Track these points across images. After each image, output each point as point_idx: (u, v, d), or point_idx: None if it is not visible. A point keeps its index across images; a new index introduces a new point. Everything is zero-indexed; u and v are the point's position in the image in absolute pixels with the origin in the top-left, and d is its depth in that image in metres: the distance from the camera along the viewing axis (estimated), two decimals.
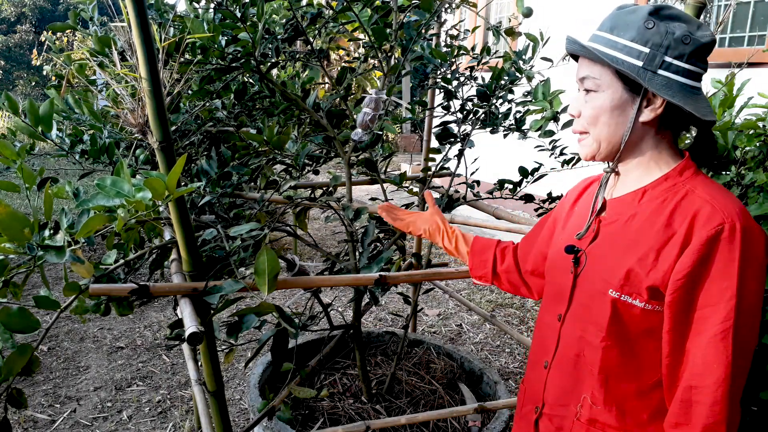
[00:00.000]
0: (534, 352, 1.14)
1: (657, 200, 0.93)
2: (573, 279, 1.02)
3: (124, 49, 1.00)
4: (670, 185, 0.94)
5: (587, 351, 0.99)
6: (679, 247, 0.87)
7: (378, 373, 2.31)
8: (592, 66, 0.95)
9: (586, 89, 0.97)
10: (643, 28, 0.90)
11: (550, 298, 1.10)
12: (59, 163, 7.96)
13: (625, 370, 0.96)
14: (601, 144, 0.97)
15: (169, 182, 0.90)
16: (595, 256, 0.99)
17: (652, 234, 0.91)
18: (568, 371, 1.03)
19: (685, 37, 0.89)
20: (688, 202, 0.90)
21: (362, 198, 6.44)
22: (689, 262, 0.85)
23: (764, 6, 4.05)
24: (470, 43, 6.30)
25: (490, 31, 2.07)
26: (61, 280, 4.43)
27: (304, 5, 1.79)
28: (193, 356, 1.99)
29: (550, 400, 1.07)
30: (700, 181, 0.92)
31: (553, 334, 1.06)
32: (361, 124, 1.65)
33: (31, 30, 17.22)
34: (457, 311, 3.99)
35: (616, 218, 0.99)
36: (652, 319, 0.91)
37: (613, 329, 0.94)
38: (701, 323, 0.86)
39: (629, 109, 0.93)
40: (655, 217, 0.92)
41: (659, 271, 0.89)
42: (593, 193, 1.09)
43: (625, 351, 0.95)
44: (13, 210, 0.89)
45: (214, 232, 1.34)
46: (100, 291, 1.15)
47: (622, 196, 0.99)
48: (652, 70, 0.89)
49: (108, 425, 2.62)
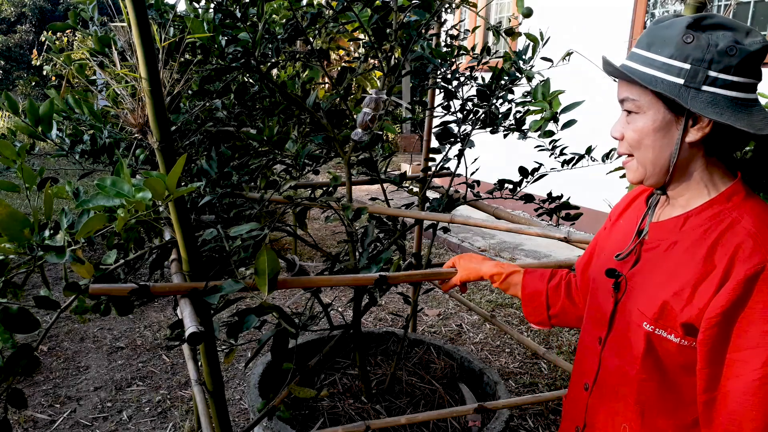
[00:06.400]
0: (576, 372, 1.11)
1: (700, 229, 0.88)
2: (614, 304, 0.98)
3: (124, 49, 1.00)
4: (715, 212, 0.87)
5: (624, 380, 0.96)
6: (717, 283, 0.82)
7: (378, 373, 2.31)
8: (630, 87, 0.90)
9: (627, 110, 0.91)
10: (682, 42, 0.83)
11: (590, 319, 1.06)
12: (59, 163, 7.96)
13: (662, 405, 0.92)
14: (647, 168, 0.91)
15: (169, 182, 0.90)
16: (635, 283, 0.95)
17: (691, 267, 0.86)
18: (608, 397, 1.00)
19: (730, 48, 0.82)
20: (732, 233, 0.84)
21: (362, 198, 6.43)
22: (725, 300, 0.80)
23: (764, 6, 4.05)
24: (470, 43, 6.31)
25: (490, 31, 2.07)
26: (61, 280, 4.43)
27: (304, 5, 1.79)
28: (193, 356, 1.99)
29: (594, 424, 1.04)
30: (749, 209, 0.85)
31: (593, 357, 1.03)
32: (361, 124, 1.65)
33: (31, 30, 17.22)
34: (457, 311, 3.99)
35: (657, 244, 0.94)
36: (689, 354, 0.87)
37: (647, 363, 0.91)
38: (740, 366, 0.81)
39: (674, 130, 0.87)
40: (696, 248, 0.87)
41: (695, 308, 0.84)
42: (638, 209, 1.04)
43: (661, 385, 0.91)
44: (13, 210, 0.89)
45: (214, 232, 1.34)
46: (100, 291, 1.14)
47: (665, 221, 0.94)
48: (695, 87, 0.83)
49: (108, 425, 2.62)
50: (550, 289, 1.25)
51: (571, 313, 1.23)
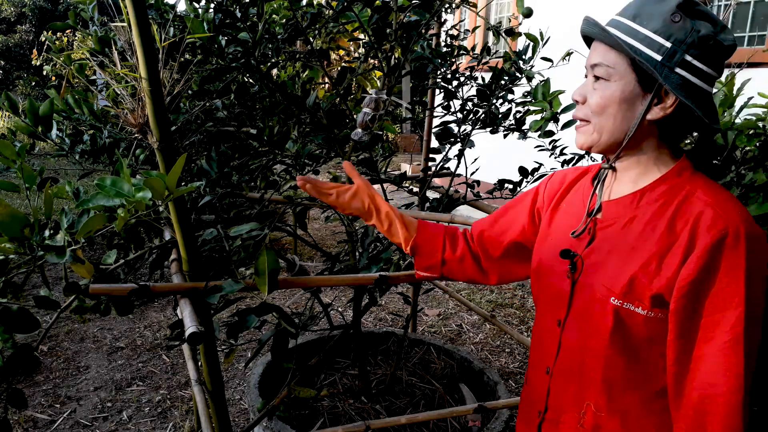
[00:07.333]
0: (534, 357, 1.11)
1: (656, 203, 0.90)
2: (571, 284, 0.98)
3: (124, 49, 1.00)
4: (669, 186, 0.90)
5: (589, 358, 0.96)
6: (682, 253, 0.84)
7: (378, 373, 2.31)
8: (607, 52, 0.90)
9: (596, 76, 0.91)
10: (670, 20, 0.85)
11: (546, 302, 1.06)
12: (59, 163, 7.96)
13: (628, 378, 0.93)
14: (602, 135, 0.92)
15: (169, 182, 0.90)
16: (593, 261, 0.96)
17: (653, 239, 0.88)
18: (571, 378, 1.00)
19: (710, 38, 0.84)
20: (688, 204, 0.87)
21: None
22: (693, 269, 0.83)
23: (764, 6, 4.05)
24: (470, 43, 6.30)
25: (490, 31, 2.07)
26: (61, 280, 4.42)
27: (304, 5, 1.79)
28: (193, 356, 1.99)
29: (554, 406, 1.04)
30: (700, 182, 0.89)
31: (553, 339, 1.03)
32: (361, 124, 1.65)
33: (31, 30, 17.21)
34: (457, 311, 3.99)
35: (613, 221, 0.95)
36: (655, 326, 0.89)
37: (615, 337, 0.91)
38: (710, 330, 0.84)
39: (638, 104, 0.89)
40: (656, 221, 0.89)
41: (663, 279, 0.86)
42: (582, 191, 1.05)
43: (628, 359, 0.92)
44: (13, 210, 0.89)
45: (214, 232, 1.34)
46: (100, 291, 1.14)
47: (619, 199, 0.95)
48: (670, 66, 0.84)
49: (108, 425, 2.62)
50: (447, 234, 1.22)
51: (468, 264, 1.21)
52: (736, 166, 1.44)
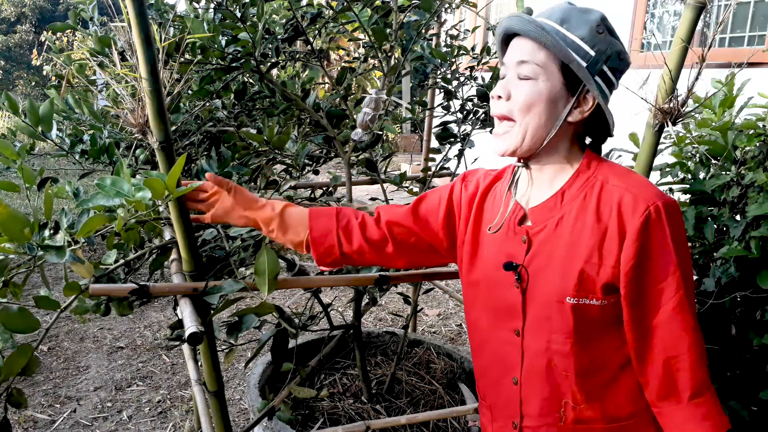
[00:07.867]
0: (494, 371, 1.08)
1: (578, 199, 0.95)
2: (522, 293, 0.99)
3: (124, 49, 1.00)
4: (585, 180, 0.95)
5: (557, 359, 0.97)
6: (618, 239, 0.90)
7: (378, 373, 2.31)
8: (537, 51, 0.91)
9: (522, 74, 0.92)
10: (595, 31, 0.90)
11: (497, 315, 1.04)
12: (59, 163, 7.96)
13: (594, 365, 0.97)
14: (525, 137, 0.94)
15: (169, 182, 0.91)
16: (537, 267, 0.97)
17: (587, 233, 0.92)
18: (542, 381, 1.00)
19: (622, 54, 0.93)
20: (606, 193, 0.92)
21: (362, 198, 6.43)
22: (632, 253, 0.89)
23: (764, 6, 4.05)
24: (470, 43, 6.31)
25: (490, 31, 2.07)
26: (61, 280, 4.43)
27: (304, 5, 1.79)
28: (193, 356, 1.99)
29: (532, 413, 1.03)
30: (608, 170, 0.95)
31: (514, 349, 1.02)
32: (361, 124, 1.65)
33: (31, 30, 17.22)
34: (457, 311, 3.99)
35: (544, 225, 0.97)
36: (609, 311, 0.94)
37: (579, 333, 0.95)
38: (657, 299, 0.90)
39: (561, 105, 0.93)
40: (583, 215, 0.93)
41: (607, 268, 0.91)
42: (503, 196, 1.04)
43: (593, 349, 0.97)
44: (13, 210, 0.89)
45: (214, 232, 1.34)
46: (100, 291, 1.15)
47: (543, 203, 0.98)
48: (592, 73, 0.90)
49: (108, 425, 2.62)
50: (340, 229, 1.16)
51: (368, 254, 1.17)
52: (736, 166, 1.44)
